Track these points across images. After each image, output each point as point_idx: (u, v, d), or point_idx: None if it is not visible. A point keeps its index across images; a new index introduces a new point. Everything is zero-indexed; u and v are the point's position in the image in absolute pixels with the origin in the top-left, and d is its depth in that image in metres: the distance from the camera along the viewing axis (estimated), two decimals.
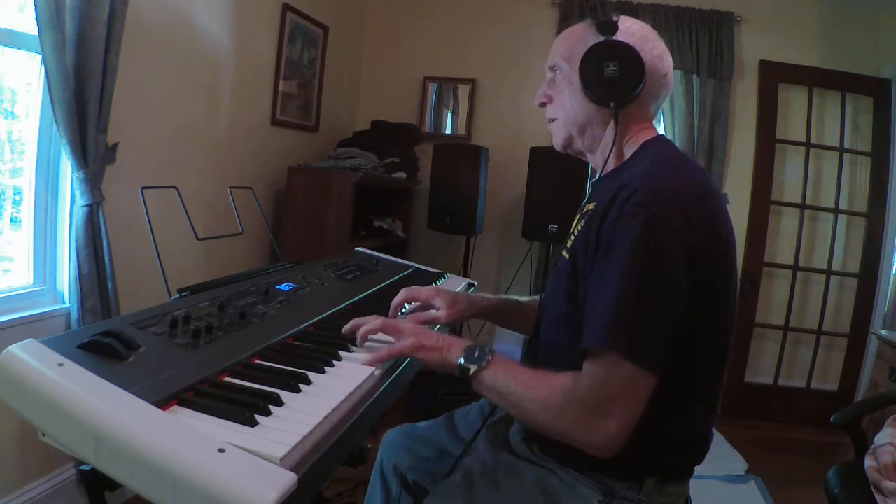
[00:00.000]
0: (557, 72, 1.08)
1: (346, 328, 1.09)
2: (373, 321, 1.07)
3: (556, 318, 1.04)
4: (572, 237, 1.03)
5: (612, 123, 1.04)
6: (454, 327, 1.39)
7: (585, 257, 0.93)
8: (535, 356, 1.11)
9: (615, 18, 1.02)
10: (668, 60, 1.06)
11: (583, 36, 1.05)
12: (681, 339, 0.87)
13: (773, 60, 3.34)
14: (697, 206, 0.88)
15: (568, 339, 0.95)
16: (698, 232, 0.87)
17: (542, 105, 1.13)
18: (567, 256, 1.01)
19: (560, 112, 1.09)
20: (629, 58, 0.99)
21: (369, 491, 1.35)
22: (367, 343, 1.07)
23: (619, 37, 1.01)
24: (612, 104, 1.01)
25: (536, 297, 1.37)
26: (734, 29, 3.30)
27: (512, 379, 0.94)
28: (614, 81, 0.99)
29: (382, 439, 1.38)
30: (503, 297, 1.40)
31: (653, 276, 0.84)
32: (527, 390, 0.91)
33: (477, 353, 0.98)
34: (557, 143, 1.13)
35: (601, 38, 1.02)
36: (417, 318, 1.29)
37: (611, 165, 1.07)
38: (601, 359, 0.85)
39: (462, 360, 0.98)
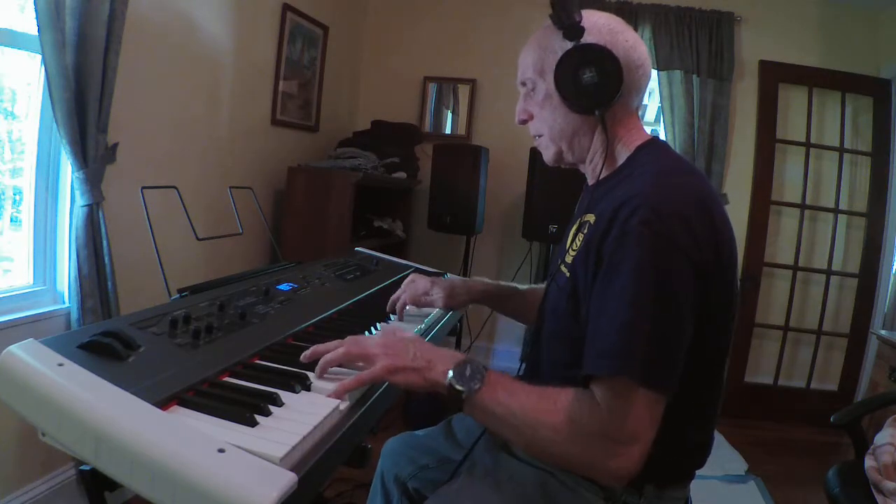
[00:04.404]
0: (532, 87, 1.04)
1: (306, 354, 0.92)
2: (335, 350, 0.91)
3: (558, 335, 1.01)
4: (571, 252, 0.98)
5: (598, 130, 1.01)
6: (455, 326, 1.39)
7: (586, 276, 0.90)
8: (535, 369, 1.09)
9: (578, 18, 0.97)
10: (641, 48, 1.01)
11: (549, 44, 1.00)
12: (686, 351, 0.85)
13: (773, 60, 3.34)
14: (701, 220, 0.85)
15: (571, 356, 0.92)
16: (704, 247, 0.84)
17: (524, 122, 1.09)
18: (567, 274, 0.97)
19: (544, 128, 1.05)
20: (603, 59, 0.95)
21: (370, 501, 1.34)
22: (334, 370, 0.92)
23: (586, 36, 0.96)
24: (596, 112, 0.97)
25: (535, 286, 1.39)
26: (734, 29, 3.30)
27: (514, 401, 0.85)
28: (593, 88, 0.95)
29: (382, 449, 1.37)
30: (501, 283, 1.42)
31: (663, 298, 0.81)
32: (534, 414, 0.84)
33: (469, 372, 0.86)
34: (548, 159, 1.09)
35: (569, 44, 0.97)
36: (417, 302, 1.36)
37: (604, 172, 1.03)
38: (617, 385, 0.81)
39: (451, 378, 0.86)
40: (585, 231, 0.95)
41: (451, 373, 0.87)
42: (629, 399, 0.80)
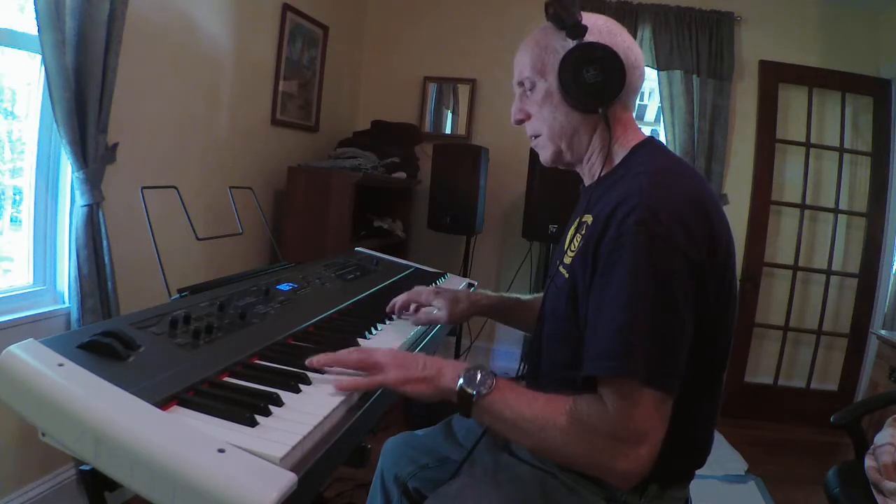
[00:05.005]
0: (530, 86, 1.04)
1: (317, 360, 0.93)
2: (346, 357, 0.94)
3: (558, 336, 1.01)
4: (570, 253, 0.98)
5: (599, 129, 1.02)
6: (455, 327, 1.39)
7: (584, 277, 0.90)
8: (536, 370, 1.09)
9: (579, 17, 0.98)
10: (638, 49, 1.03)
11: (549, 44, 1.01)
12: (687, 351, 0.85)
13: (773, 60, 3.34)
14: (697, 219, 0.86)
15: (571, 357, 0.92)
16: (700, 246, 0.85)
17: (520, 122, 1.09)
18: (566, 275, 0.98)
19: (543, 127, 1.05)
20: (606, 58, 0.96)
21: (370, 500, 1.34)
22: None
23: (588, 36, 0.98)
24: (600, 109, 0.98)
25: (539, 295, 1.37)
26: (734, 29, 3.30)
27: (523, 405, 0.86)
28: (597, 86, 0.96)
29: (382, 448, 1.37)
30: (505, 295, 1.39)
31: (661, 297, 0.81)
32: (543, 415, 0.84)
33: (479, 377, 0.88)
34: (546, 159, 1.09)
35: (570, 43, 0.98)
36: (419, 320, 1.31)
37: (602, 172, 1.04)
38: (621, 386, 0.81)
39: (461, 384, 0.88)
40: (583, 232, 0.95)
41: (461, 378, 0.88)
42: (634, 399, 0.80)
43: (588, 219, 0.96)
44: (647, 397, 0.80)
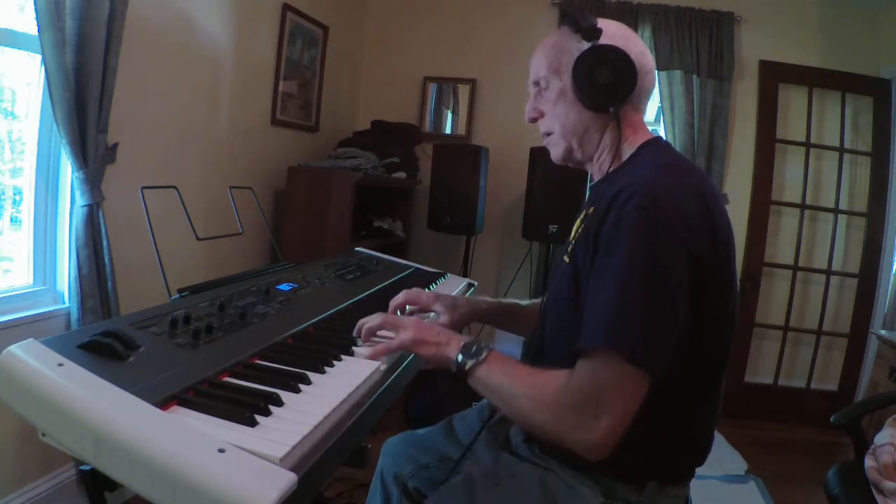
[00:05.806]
0: (545, 85, 1.07)
1: (355, 331, 1.12)
2: (373, 318, 1.09)
3: (560, 327, 1.02)
4: (573, 242, 1.01)
5: (609, 128, 1.05)
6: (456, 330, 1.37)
7: (585, 260, 0.92)
8: (537, 364, 1.09)
9: (593, 21, 1.01)
10: (649, 54, 1.07)
11: (565, 45, 1.05)
12: (683, 342, 0.86)
13: (773, 60, 3.34)
14: (698, 211, 0.88)
15: (571, 351, 0.93)
16: (699, 236, 0.87)
17: (534, 121, 1.12)
18: (567, 261, 1.00)
19: (556, 125, 1.08)
20: (619, 59, 0.99)
21: (369, 499, 1.35)
22: (373, 339, 1.09)
23: (602, 40, 1.01)
24: (611, 109, 1.01)
25: (537, 301, 1.37)
26: (734, 29, 3.30)
27: (507, 375, 0.94)
28: (610, 85, 0.99)
29: (382, 448, 1.37)
30: (503, 300, 1.39)
31: (654, 281, 0.83)
32: (521, 387, 0.91)
33: (474, 349, 0.97)
34: (556, 157, 1.12)
35: (585, 45, 1.01)
36: (416, 302, 1.33)
37: (609, 169, 1.06)
38: (596, 357, 0.84)
39: (459, 356, 0.97)
40: (587, 222, 0.97)
41: (460, 349, 0.98)
42: (602, 370, 0.83)
43: (592, 210, 0.98)
44: (622, 373, 0.82)
